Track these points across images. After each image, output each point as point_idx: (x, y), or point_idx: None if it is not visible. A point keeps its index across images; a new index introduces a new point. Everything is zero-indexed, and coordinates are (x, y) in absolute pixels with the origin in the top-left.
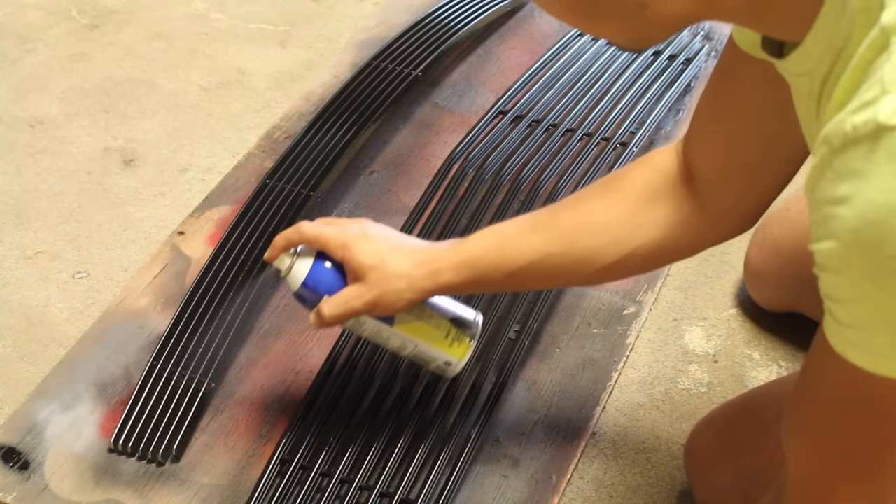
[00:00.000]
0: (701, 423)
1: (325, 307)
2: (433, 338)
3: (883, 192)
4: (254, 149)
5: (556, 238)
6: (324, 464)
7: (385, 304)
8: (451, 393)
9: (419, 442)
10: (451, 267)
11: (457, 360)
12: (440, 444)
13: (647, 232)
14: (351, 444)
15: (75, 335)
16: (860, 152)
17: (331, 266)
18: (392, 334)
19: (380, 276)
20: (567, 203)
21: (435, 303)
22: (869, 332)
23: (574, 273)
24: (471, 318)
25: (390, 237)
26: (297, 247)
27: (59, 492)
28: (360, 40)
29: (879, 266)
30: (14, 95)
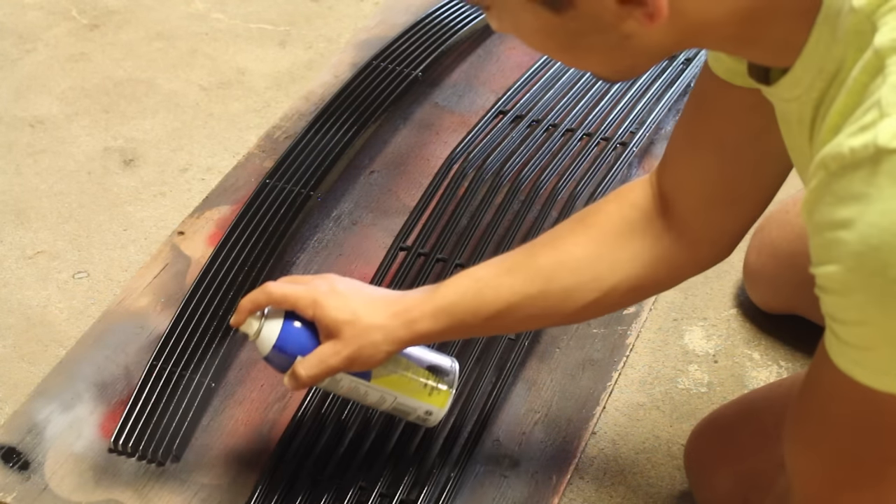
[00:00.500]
0: (701, 425)
1: (301, 368)
2: (412, 389)
3: (885, 215)
4: (254, 149)
5: (534, 278)
6: (324, 464)
7: (363, 359)
8: None
9: (419, 442)
10: (427, 315)
11: (437, 409)
12: (440, 443)
13: (626, 267)
14: (351, 445)
15: (75, 335)
16: (860, 176)
17: (301, 325)
18: (370, 389)
19: (355, 330)
20: (543, 241)
21: (410, 353)
22: (875, 353)
23: (554, 313)
24: (447, 365)
25: (360, 290)
26: (265, 309)
27: (59, 492)
28: (360, 40)
29: (884, 290)
30: (14, 95)
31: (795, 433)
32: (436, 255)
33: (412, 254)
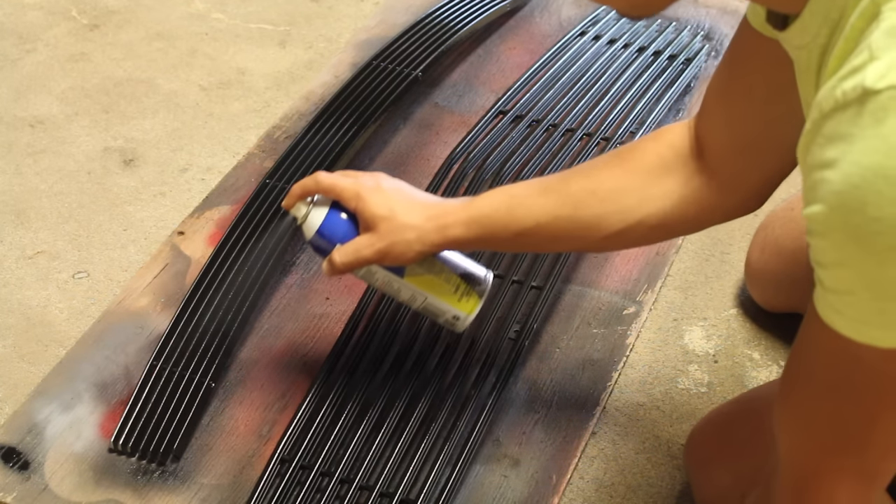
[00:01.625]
0: (701, 423)
1: (337, 255)
2: (442, 292)
3: (866, 154)
4: (254, 149)
5: (565, 202)
6: (324, 464)
7: (394, 255)
8: (451, 393)
9: (419, 442)
10: (460, 222)
11: (465, 315)
12: (440, 444)
13: (656, 203)
14: (351, 444)
15: (75, 335)
16: (847, 116)
17: (345, 216)
18: (402, 286)
19: (390, 226)
20: (579, 169)
21: (446, 257)
22: (854, 298)
23: (580, 238)
24: (481, 274)
25: (403, 190)
26: (314, 196)
27: (59, 492)
28: (360, 40)
29: (862, 228)
30: (14, 95)
31: (782, 400)
32: None
33: None
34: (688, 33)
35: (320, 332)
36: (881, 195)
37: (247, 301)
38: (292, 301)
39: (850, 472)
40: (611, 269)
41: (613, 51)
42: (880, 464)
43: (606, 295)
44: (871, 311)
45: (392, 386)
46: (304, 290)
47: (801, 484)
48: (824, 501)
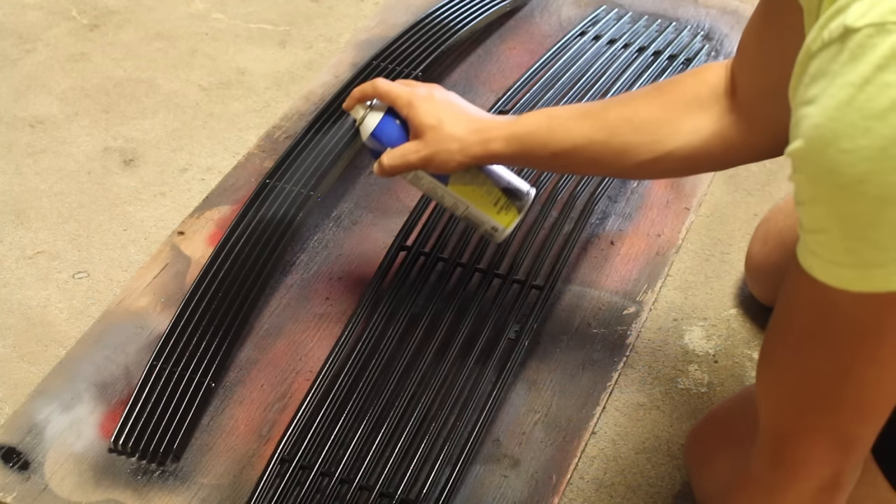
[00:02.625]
0: (701, 420)
1: (386, 158)
2: (483, 203)
3: (843, 88)
4: (254, 149)
5: (602, 127)
6: (324, 464)
7: (437, 163)
8: (451, 393)
9: (419, 442)
10: (501, 138)
11: (503, 227)
12: (440, 444)
13: (686, 137)
14: (351, 444)
15: (75, 335)
16: (829, 55)
17: (397, 122)
18: (446, 193)
19: (436, 135)
20: (618, 98)
21: (490, 170)
22: (826, 236)
23: (612, 164)
24: (523, 189)
25: (453, 102)
26: (372, 100)
27: (59, 492)
28: (360, 40)
29: (834, 160)
30: (14, 95)
31: (762, 358)
32: (436, 255)
33: (412, 254)
34: (688, 33)
35: (320, 332)
36: (854, 127)
37: (247, 301)
38: (292, 301)
39: (825, 434)
40: (611, 269)
41: (613, 51)
42: (855, 426)
43: (606, 295)
44: (842, 249)
45: (392, 386)
46: (304, 290)
47: (778, 444)
48: (799, 462)
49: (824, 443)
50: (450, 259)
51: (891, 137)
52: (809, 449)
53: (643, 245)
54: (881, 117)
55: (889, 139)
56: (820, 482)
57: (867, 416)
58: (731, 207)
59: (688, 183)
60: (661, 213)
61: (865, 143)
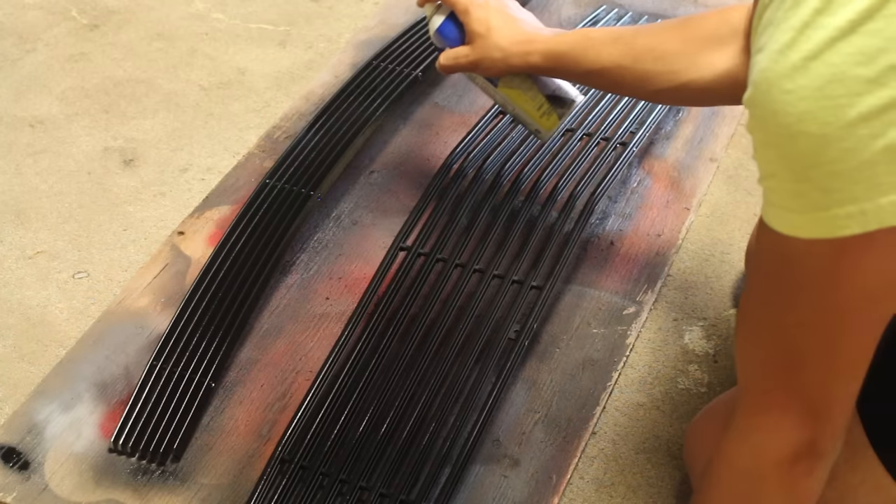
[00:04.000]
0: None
1: (442, 57)
2: (528, 106)
3: (785, 32)
4: (254, 149)
5: (628, 53)
6: (324, 464)
7: (483, 68)
8: (451, 393)
9: (419, 442)
10: (540, 52)
11: (545, 130)
12: (440, 444)
13: (701, 71)
14: (351, 444)
15: (75, 335)
16: (777, 3)
17: (457, 25)
18: (496, 93)
19: (484, 44)
20: (648, 27)
21: (538, 76)
22: (776, 181)
23: (634, 87)
24: (569, 97)
25: (504, 12)
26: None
27: (59, 492)
28: (360, 40)
29: (777, 102)
30: (14, 95)
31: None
32: (436, 255)
33: (412, 254)
34: None
35: (320, 332)
36: (794, 68)
37: (247, 301)
38: (292, 301)
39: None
40: (611, 269)
41: None
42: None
43: (606, 295)
44: (790, 193)
45: (392, 386)
46: (304, 290)
47: (750, 405)
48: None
49: (793, 404)
50: (450, 259)
51: (826, 76)
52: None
53: (643, 245)
54: (817, 56)
55: (825, 78)
56: (794, 447)
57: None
58: (731, 207)
59: (688, 183)
60: (661, 213)
61: (804, 82)
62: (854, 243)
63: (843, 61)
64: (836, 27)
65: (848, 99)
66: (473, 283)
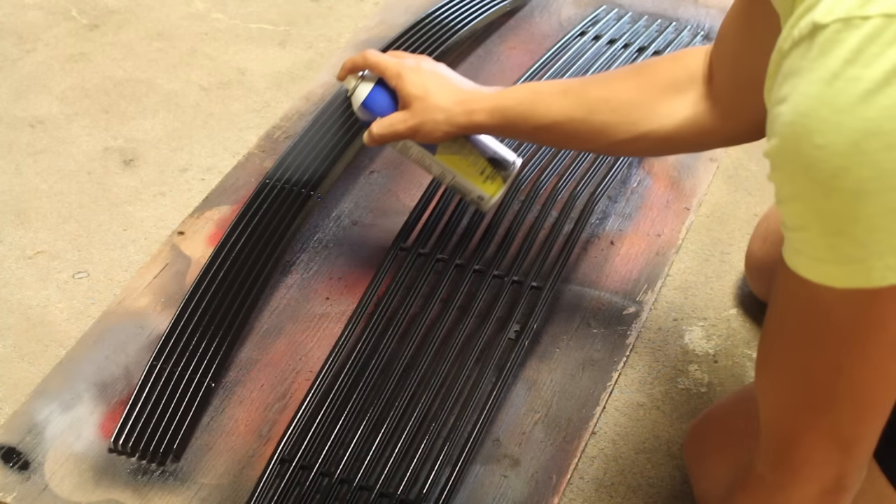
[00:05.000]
0: (700, 418)
1: (375, 127)
2: (469, 172)
3: (813, 84)
4: (254, 149)
5: (581, 105)
6: (324, 464)
7: (424, 132)
8: (451, 393)
9: (419, 442)
10: (485, 110)
11: (489, 196)
12: (440, 444)
13: (661, 120)
14: (351, 444)
15: (75, 335)
16: (800, 52)
17: (387, 92)
18: (433, 162)
19: (422, 105)
20: (599, 77)
21: (477, 140)
22: (807, 233)
23: (589, 141)
24: (509, 160)
25: (440, 74)
26: (364, 71)
27: (59, 492)
28: (360, 40)
29: (809, 156)
30: (14, 95)
31: (759, 359)
32: (436, 255)
33: (412, 254)
34: (688, 33)
35: (320, 332)
36: (825, 122)
37: (247, 301)
38: (292, 301)
39: (824, 434)
40: (611, 269)
41: (613, 51)
42: (853, 426)
43: (606, 295)
44: (823, 246)
45: (392, 386)
46: (304, 290)
47: (778, 445)
48: (800, 464)
49: (824, 443)
50: (450, 259)
51: (861, 131)
52: (809, 450)
53: (643, 245)
54: (850, 111)
55: (860, 133)
56: (822, 483)
57: (864, 416)
58: (731, 207)
59: (688, 183)
60: (661, 213)
61: (837, 137)
62: (889, 292)
63: (881, 115)
64: (871, 79)
65: (886, 153)
66: (473, 283)
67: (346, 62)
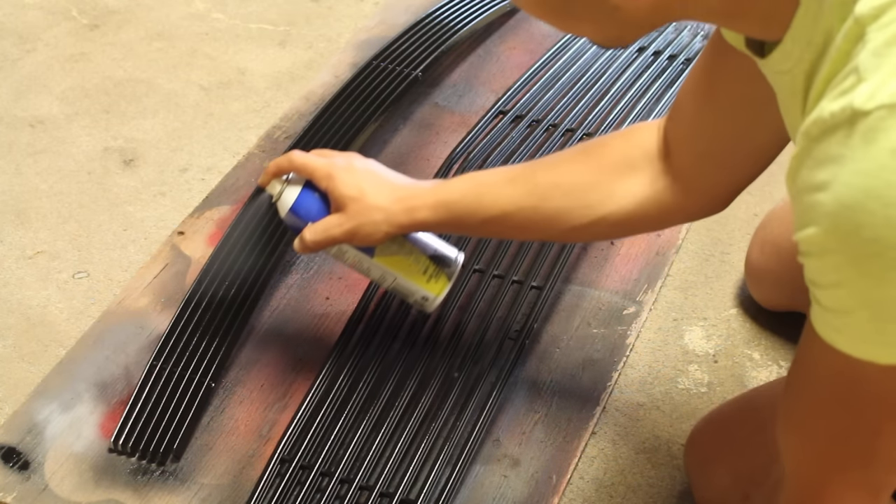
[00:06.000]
0: (701, 423)
1: (308, 233)
2: (411, 272)
3: (858, 175)
4: (254, 149)
5: (531, 193)
6: (324, 464)
7: (362, 235)
8: (451, 393)
9: (419, 442)
10: (428, 206)
11: (433, 296)
12: (440, 444)
13: (619, 201)
14: (351, 444)
15: (75, 335)
16: (837, 138)
17: (316, 195)
18: (372, 265)
19: (359, 207)
20: (546, 161)
21: (416, 238)
22: (853, 318)
23: (544, 229)
24: (451, 256)
25: (374, 171)
26: (289, 174)
27: (59, 492)
28: (360, 40)
29: (858, 249)
30: (14, 95)
31: (785, 415)
32: None
33: None
34: (688, 33)
35: (320, 332)
36: (874, 216)
37: (247, 301)
38: (292, 301)
39: (856, 485)
40: (611, 269)
41: (613, 51)
42: (887, 476)
43: (606, 295)
44: (871, 330)
45: (392, 386)
46: (304, 290)
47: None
48: None
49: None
50: None
51: None
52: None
53: (643, 245)
54: None
55: None
56: None
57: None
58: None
59: None
60: None
61: (889, 232)
62: None
63: None
64: None
65: None
66: (474, 283)
67: (270, 166)
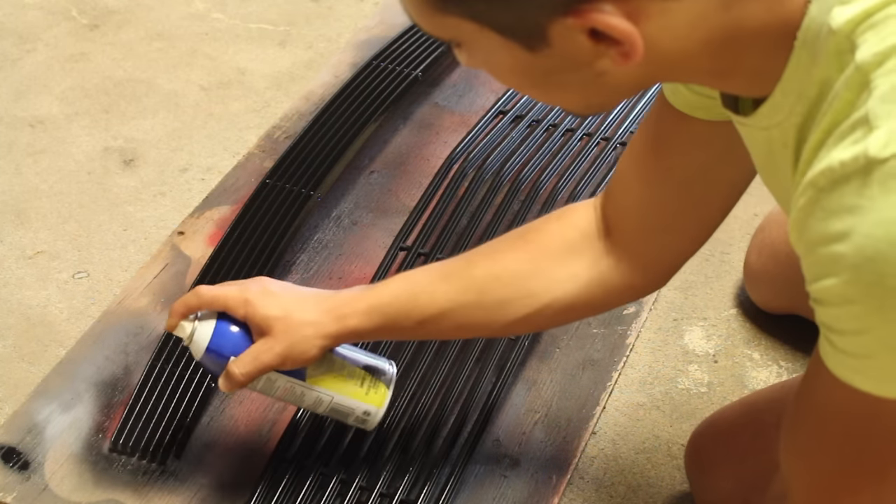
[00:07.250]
0: (702, 426)
1: (235, 367)
2: (347, 388)
3: (879, 225)
4: (254, 149)
5: (469, 287)
6: (324, 464)
7: (296, 354)
8: (451, 393)
9: (419, 442)
10: (359, 312)
11: (376, 409)
12: (440, 444)
13: (562, 286)
14: (351, 444)
15: (75, 335)
16: (852, 188)
17: (234, 327)
18: (306, 389)
19: (286, 325)
20: (482, 251)
21: (346, 354)
22: (875, 361)
23: (486, 324)
24: (384, 366)
25: (292, 289)
26: (198, 312)
27: (59, 492)
28: (360, 40)
29: (883, 299)
30: (14, 95)
31: (792, 442)
32: (436, 255)
33: (412, 254)
34: None
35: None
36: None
37: None
38: None
39: None
40: None
41: None
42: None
43: None
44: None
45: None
46: None
47: None
48: None
49: None
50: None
51: None
52: None
53: None
54: None
55: None
56: None
57: None
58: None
59: None
60: None
61: None
62: None
63: None
64: None
65: None
66: None
67: (176, 306)
